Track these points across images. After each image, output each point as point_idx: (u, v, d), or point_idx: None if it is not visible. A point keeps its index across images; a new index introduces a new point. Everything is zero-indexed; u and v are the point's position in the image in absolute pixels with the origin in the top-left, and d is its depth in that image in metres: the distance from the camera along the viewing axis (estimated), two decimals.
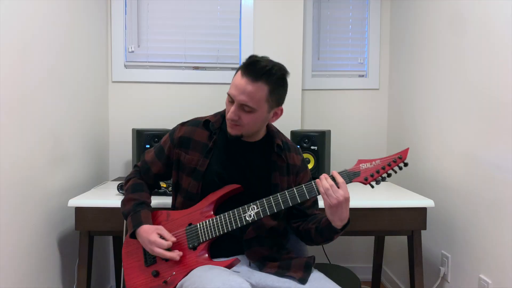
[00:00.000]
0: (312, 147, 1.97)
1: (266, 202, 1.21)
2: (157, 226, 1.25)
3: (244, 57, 1.28)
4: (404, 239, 2.27)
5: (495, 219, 1.50)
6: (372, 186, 1.20)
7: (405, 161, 1.19)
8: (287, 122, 2.32)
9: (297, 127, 2.36)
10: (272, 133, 1.37)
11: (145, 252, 1.29)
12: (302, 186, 1.21)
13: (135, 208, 1.30)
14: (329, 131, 2.10)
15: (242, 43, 2.35)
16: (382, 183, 2.20)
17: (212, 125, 1.34)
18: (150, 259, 1.28)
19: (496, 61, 1.49)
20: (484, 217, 1.57)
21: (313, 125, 2.53)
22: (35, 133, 1.54)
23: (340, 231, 1.22)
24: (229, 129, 1.29)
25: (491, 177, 1.52)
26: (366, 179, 1.19)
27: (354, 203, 1.65)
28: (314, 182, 1.20)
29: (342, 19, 2.55)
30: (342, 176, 1.17)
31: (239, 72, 1.22)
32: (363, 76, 2.57)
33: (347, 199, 1.15)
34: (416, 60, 2.15)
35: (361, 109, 2.56)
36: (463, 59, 1.71)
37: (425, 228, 1.67)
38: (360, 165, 1.20)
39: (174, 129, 1.39)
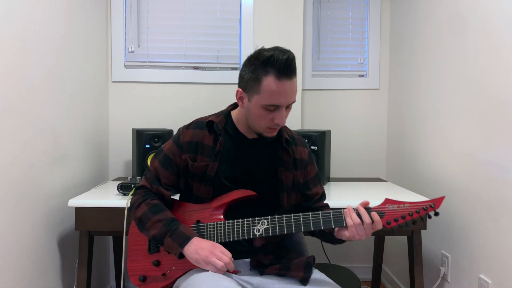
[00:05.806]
0: (312, 147, 1.97)
1: (278, 221, 1.18)
2: (213, 243, 1.17)
3: (244, 57, 1.25)
4: (404, 239, 2.27)
5: (495, 219, 1.50)
6: (392, 230, 1.13)
7: (437, 210, 1.10)
8: (287, 122, 2.31)
9: (297, 127, 2.36)
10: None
11: (150, 239, 1.29)
12: (329, 213, 1.16)
13: (169, 228, 1.20)
14: (329, 131, 2.10)
15: (242, 43, 2.35)
16: (381, 183, 2.21)
17: (217, 126, 1.29)
18: (153, 247, 1.28)
19: (496, 61, 1.49)
20: (484, 217, 1.57)
21: (313, 125, 2.54)
22: (35, 133, 1.54)
23: (343, 242, 1.24)
24: (268, 134, 1.25)
25: (491, 177, 1.52)
26: (388, 223, 1.11)
27: (354, 203, 1.66)
28: (342, 211, 1.16)
29: (342, 19, 2.55)
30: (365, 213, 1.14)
31: (273, 78, 1.13)
32: (363, 76, 2.57)
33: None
34: (416, 60, 2.15)
35: (361, 109, 2.56)
36: (463, 59, 1.71)
37: (425, 228, 1.67)
38: (387, 205, 1.12)
39: (178, 134, 1.32)
